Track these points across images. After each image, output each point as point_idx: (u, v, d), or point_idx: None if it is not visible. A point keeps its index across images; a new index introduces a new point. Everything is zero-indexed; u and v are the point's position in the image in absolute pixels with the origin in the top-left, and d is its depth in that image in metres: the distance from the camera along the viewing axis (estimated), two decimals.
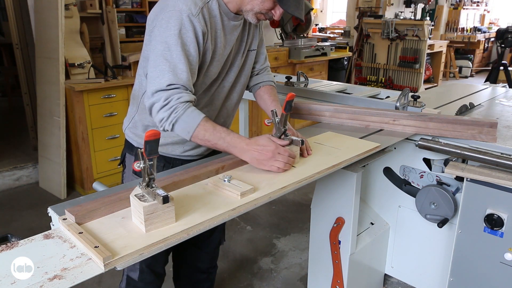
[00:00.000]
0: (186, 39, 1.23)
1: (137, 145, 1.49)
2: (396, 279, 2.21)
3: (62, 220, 0.95)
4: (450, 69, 8.58)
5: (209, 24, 1.28)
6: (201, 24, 1.24)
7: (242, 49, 1.47)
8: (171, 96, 1.20)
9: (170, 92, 1.20)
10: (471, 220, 1.60)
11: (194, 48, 1.25)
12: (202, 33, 1.25)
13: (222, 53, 1.37)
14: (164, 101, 1.20)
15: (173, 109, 1.19)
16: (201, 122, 1.21)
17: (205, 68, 1.34)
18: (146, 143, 0.89)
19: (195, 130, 1.21)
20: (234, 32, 1.40)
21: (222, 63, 1.39)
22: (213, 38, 1.32)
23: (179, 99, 1.20)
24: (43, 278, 0.79)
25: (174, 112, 1.19)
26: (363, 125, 1.75)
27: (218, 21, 1.32)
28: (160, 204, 0.93)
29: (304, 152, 1.37)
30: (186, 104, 1.21)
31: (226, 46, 1.38)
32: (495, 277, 1.58)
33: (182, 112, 1.20)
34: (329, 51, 5.23)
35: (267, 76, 1.65)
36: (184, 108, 1.20)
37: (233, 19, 1.37)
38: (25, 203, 3.28)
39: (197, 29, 1.24)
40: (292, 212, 3.19)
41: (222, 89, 1.47)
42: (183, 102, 1.20)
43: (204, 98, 1.42)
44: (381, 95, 2.44)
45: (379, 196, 2.08)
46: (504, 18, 10.14)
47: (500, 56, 5.78)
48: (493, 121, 1.60)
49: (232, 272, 2.48)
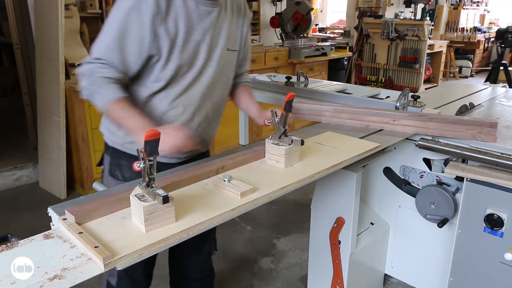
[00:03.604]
0: (129, 20, 1.22)
1: (111, 144, 1.45)
2: (396, 279, 2.21)
3: (62, 220, 0.95)
4: (450, 69, 8.58)
5: (165, 5, 1.24)
6: (151, 5, 1.21)
7: (221, 44, 1.41)
8: (95, 69, 1.22)
9: (94, 65, 1.23)
10: (471, 220, 1.60)
11: (136, 29, 1.23)
12: (153, 15, 1.22)
13: (188, 39, 1.31)
14: (87, 71, 1.23)
15: (92, 80, 1.22)
16: (116, 99, 1.21)
17: (165, 52, 1.28)
18: (146, 143, 0.89)
19: (110, 104, 1.21)
20: (205, 19, 1.34)
21: (189, 50, 1.33)
22: (172, 21, 1.27)
23: (102, 73, 1.22)
24: (43, 278, 0.79)
25: (93, 84, 1.22)
26: (363, 125, 1.75)
27: (180, 3, 1.28)
28: (160, 204, 0.93)
29: None
30: (107, 79, 1.22)
31: (192, 33, 1.32)
32: (495, 277, 1.58)
33: (101, 84, 1.21)
34: (329, 51, 5.23)
35: (244, 77, 1.65)
36: (104, 82, 1.22)
37: (204, 4, 1.32)
38: (25, 203, 3.27)
39: (144, 11, 1.21)
40: (292, 212, 3.18)
41: (199, 85, 1.40)
42: (104, 77, 1.22)
43: (176, 90, 1.36)
44: (381, 95, 2.44)
45: (379, 196, 2.08)
46: (504, 18, 10.14)
47: (500, 56, 5.78)
48: (493, 121, 1.60)
49: (232, 272, 2.48)
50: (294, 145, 1.31)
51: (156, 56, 1.29)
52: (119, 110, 1.21)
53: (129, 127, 1.21)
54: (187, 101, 1.39)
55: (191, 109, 1.40)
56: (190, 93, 1.39)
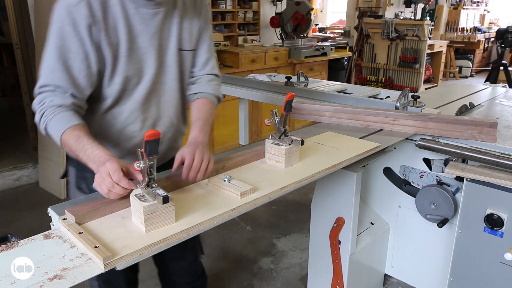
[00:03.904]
0: (64, 34, 1.11)
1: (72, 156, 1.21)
2: (396, 279, 2.21)
3: (62, 220, 0.95)
4: (450, 69, 8.57)
5: (101, 14, 1.13)
6: (85, 15, 1.10)
7: (173, 47, 1.28)
8: (44, 99, 1.11)
9: (43, 95, 1.12)
10: (471, 220, 1.60)
11: (76, 43, 1.11)
12: (88, 25, 1.11)
13: (132, 47, 1.20)
14: (38, 104, 1.12)
15: (43, 113, 1.11)
16: (68, 129, 1.08)
17: (109, 64, 1.18)
18: (146, 143, 0.89)
19: (62, 136, 1.08)
20: (150, 23, 1.21)
21: (136, 59, 1.22)
22: (112, 29, 1.16)
23: (51, 102, 1.10)
24: (43, 278, 0.79)
25: (44, 116, 1.10)
26: (363, 125, 1.75)
27: (118, 9, 1.16)
28: (160, 204, 0.93)
29: (190, 172, 1.13)
30: (57, 108, 1.10)
31: (135, 40, 1.20)
32: (495, 277, 1.58)
33: (52, 117, 1.09)
34: (329, 51, 5.23)
35: (206, 86, 1.39)
36: (54, 112, 1.09)
37: (145, 6, 1.19)
38: (25, 203, 3.27)
39: (78, 22, 1.10)
40: (292, 212, 3.18)
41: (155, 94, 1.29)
42: (53, 106, 1.10)
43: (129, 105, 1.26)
44: (381, 95, 2.44)
45: (379, 196, 2.08)
46: (504, 18, 10.13)
47: (500, 56, 5.78)
48: (493, 121, 1.60)
49: (232, 272, 2.48)
50: (294, 145, 1.31)
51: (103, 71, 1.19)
52: (73, 142, 1.07)
53: (84, 160, 1.07)
54: (145, 114, 1.29)
55: (150, 122, 1.31)
56: (147, 105, 1.28)
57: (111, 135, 1.28)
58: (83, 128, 1.10)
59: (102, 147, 1.06)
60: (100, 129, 1.26)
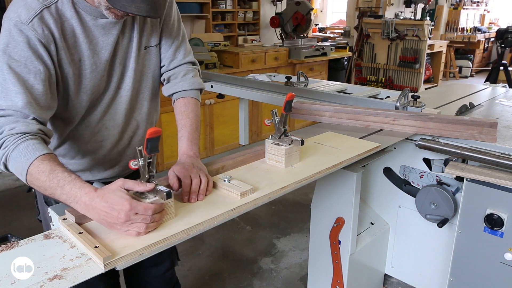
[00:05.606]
0: (16, 54, 0.98)
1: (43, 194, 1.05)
2: (396, 279, 2.21)
3: (62, 220, 0.95)
4: (450, 69, 8.58)
5: (57, 30, 1.03)
6: (39, 32, 1.00)
7: (134, 47, 1.20)
8: (2, 127, 0.95)
9: (0, 122, 0.96)
10: (471, 220, 1.60)
11: (32, 63, 1.00)
12: (44, 43, 1.01)
13: (96, 61, 1.12)
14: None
15: (1, 143, 0.94)
16: (34, 161, 0.91)
17: (73, 82, 1.10)
18: (148, 141, 0.89)
19: (27, 172, 0.91)
20: (111, 32, 1.13)
21: (102, 72, 1.15)
22: (72, 46, 1.07)
23: (12, 130, 0.94)
24: (43, 278, 0.79)
25: (4, 148, 0.94)
26: (363, 125, 1.75)
27: (76, 24, 1.07)
28: (163, 200, 0.93)
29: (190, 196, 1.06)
30: (21, 137, 0.94)
31: (100, 51, 1.13)
32: (495, 277, 1.58)
33: (14, 147, 0.93)
34: (329, 51, 5.24)
35: (182, 82, 1.30)
36: (16, 143, 0.93)
37: (101, 15, 1.09)
38: (25, 203, 3.27)
39: (31, 40, 0.99)
40: (292, 212, 3.18)
41: (120, 101, 1.23)
42: (16, 134, 0.94)
43: (96, 115, 1.20)
44: (381, 95, 2.44)
45: (379, 196, 2.08)
46: (504, 18, 10.14)
47: (500, 56, 5.78)
48: (493, 121, 1.60)
49: (232, 272, 2.48)
50: (294, 145, 1.31)
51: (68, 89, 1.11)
52: (44, 177, 0.90)
53: (63, 200, 0.91)
54: (111, 122, 1.24)
55: (117, 130, 1.26)
56: (112, 113, 1.23)
57: (79, 149, 1.23)
58: (54, 158, 0.95)
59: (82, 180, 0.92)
60: (68, 144, 1.22)
